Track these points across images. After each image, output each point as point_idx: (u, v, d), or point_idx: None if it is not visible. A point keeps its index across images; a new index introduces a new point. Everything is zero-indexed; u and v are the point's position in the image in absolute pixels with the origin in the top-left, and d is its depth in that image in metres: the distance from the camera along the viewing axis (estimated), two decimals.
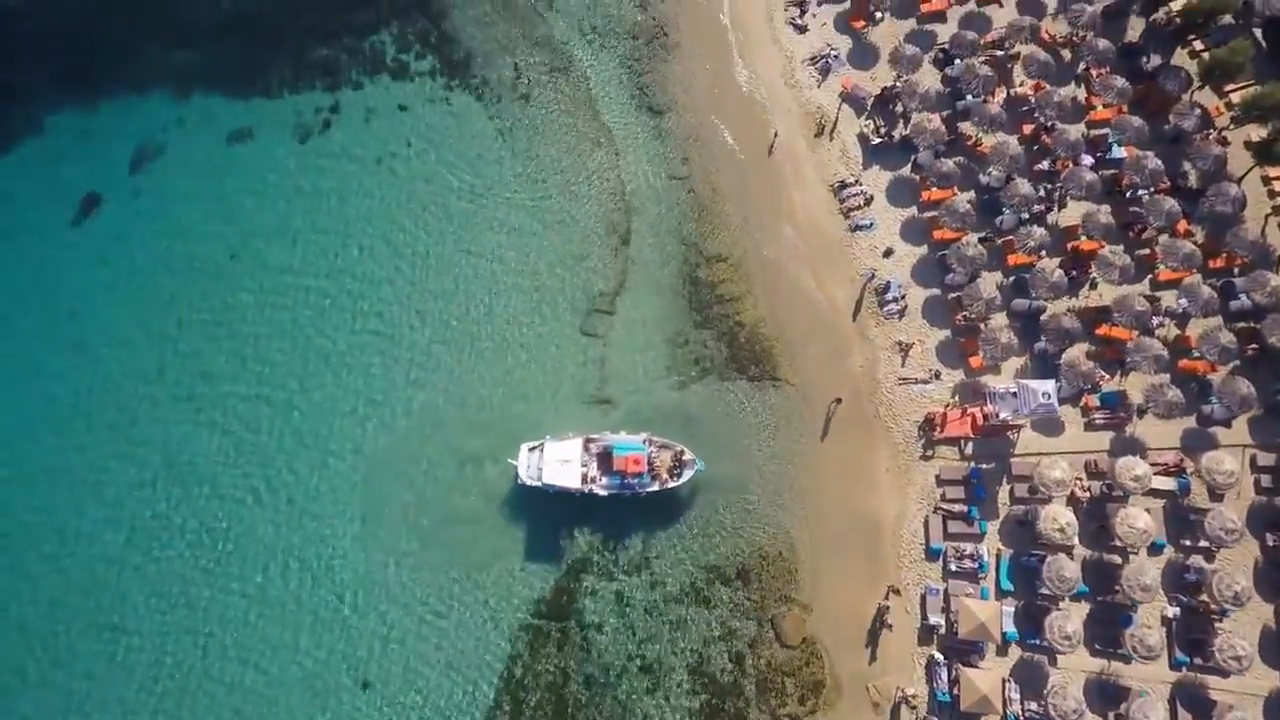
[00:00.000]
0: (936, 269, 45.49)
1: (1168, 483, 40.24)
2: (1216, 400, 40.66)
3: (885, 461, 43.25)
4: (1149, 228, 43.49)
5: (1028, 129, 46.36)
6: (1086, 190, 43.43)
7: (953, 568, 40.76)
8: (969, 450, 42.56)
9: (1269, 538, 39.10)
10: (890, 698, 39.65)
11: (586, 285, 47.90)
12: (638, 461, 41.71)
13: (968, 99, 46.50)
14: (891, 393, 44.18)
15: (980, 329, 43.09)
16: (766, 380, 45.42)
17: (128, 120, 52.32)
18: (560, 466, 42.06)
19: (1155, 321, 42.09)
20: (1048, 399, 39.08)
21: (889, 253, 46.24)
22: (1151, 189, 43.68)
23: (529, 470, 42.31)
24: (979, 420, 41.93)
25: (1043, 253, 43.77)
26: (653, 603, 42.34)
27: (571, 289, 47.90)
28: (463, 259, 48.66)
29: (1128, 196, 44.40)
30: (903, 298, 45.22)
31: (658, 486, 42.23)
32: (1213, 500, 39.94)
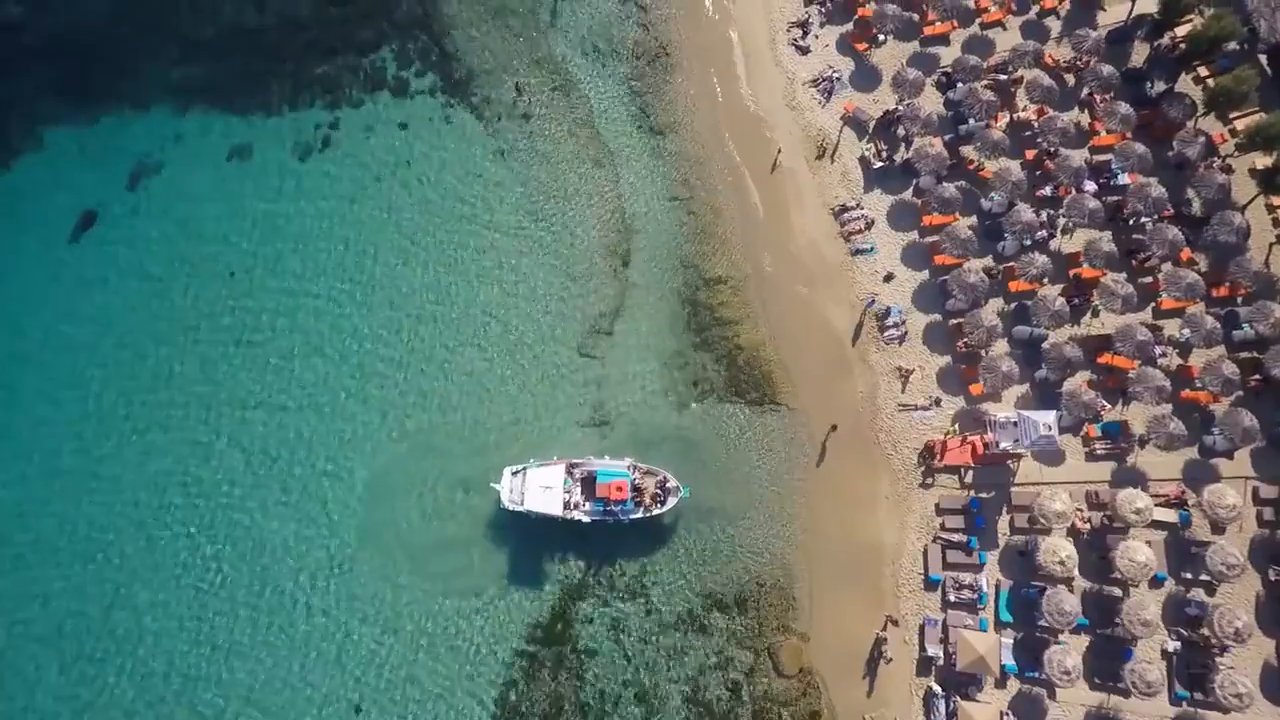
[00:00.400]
0: (937, 295, 45.18)
1: (1169, 514, 39.96)
2: (1219, 432, 40.32)
3: (885, 489, 42.95)
4: (1152, 256, 43.17)
5: (1030, 154, 46.05)
6: (1089, 217, 43.11)
7: (951, 598, 40.45)
8: (969, 479, 42.25)
9: (1271, 572, 38.76)
10: None
11: (585, 306, 47.62)
12: (621, 488, 41.37)
13: (970, 123, 46.24)
14: (891, 419, 43.88)
15: (981, 356, 42.80)
16: (766, 404, 45.14)
17: (127, 136, 51.94)
18: (542, 492, 41.73)
19: (1158, 351, 41.77)
20: (1049, 431, 38.92)
21: (890, 277, 45.95)
22: (1155, 216, 43.23)
23: (511, 495, 41.94)
24: (979, 449, 41.67)
25: (1045, 280, 43.44)
26: (649, 630, 42.08)
27: (570, 310, 47.62)
28: (461, 279, 48.37)
29: (1130, 224, 44.10)
30: (903, 323, 44.93)
31: (641, 514, 41.82)
32: (1214, 533, 39.63)
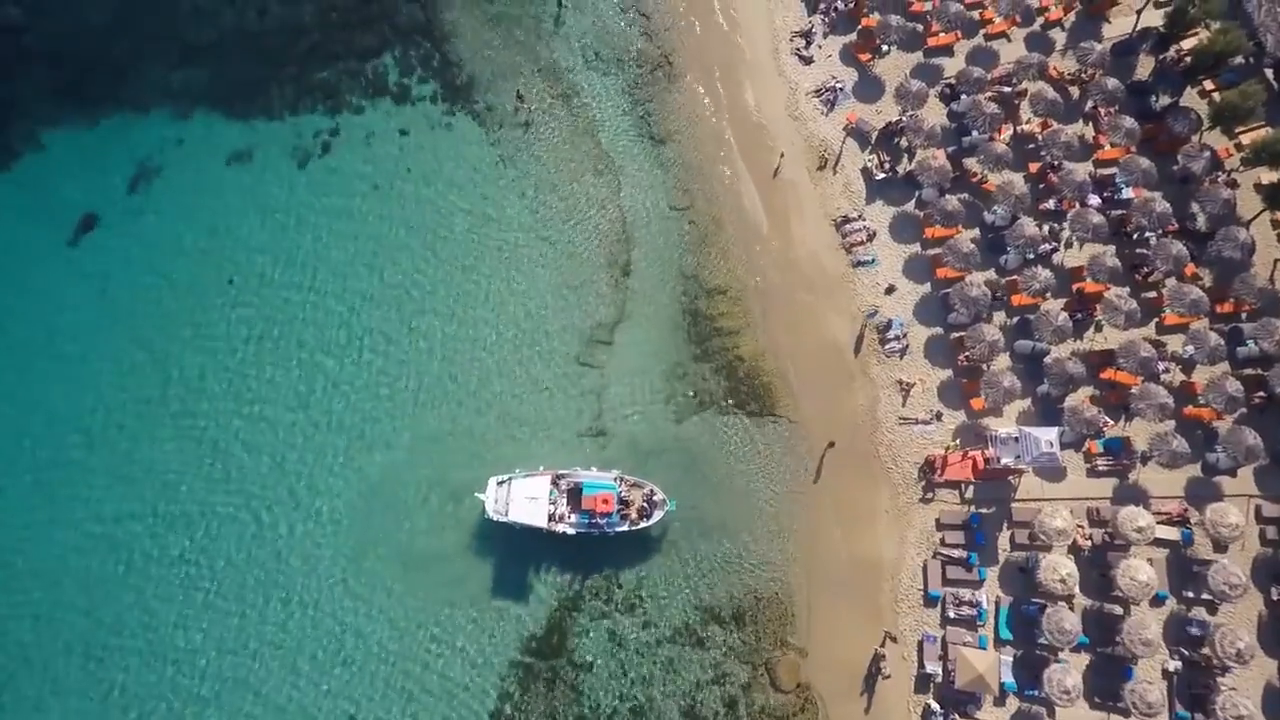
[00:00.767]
0: (939, 308, 44.88)
1: (1171, 532, 39.63)
2: (1222, 449, 39.99)
3: (884, 503, 42.62)
4: (1156, 271, 42.89)
5: (1034, 168, 45.79)
6: (1093, 232, 42.87)
7: (951, 615, 40.10)
8: (969, 494, 41.92)
9: (1274, 591, 38.44)
10: None
11: (585, 315, 47.35)
12: (607, 501, 40.84)
13: (973, 135, 45.98)
14: (892, 432, 43.57)
15: (983, 371, 42.49)
16: (766, 416, 44.90)
17: (127, 139, 51.60)
18: (527, 503, 41.18)
19: (1161, 367, 41.47)
20: (1050, 447, 38.64)
21: (891, 290, 45.66)
22: (1159, 231, 42.96)
23: (495, 505, 41.38)
24: (980, 464, 41.34)
25: (1048, 294, 43.10)
26: (645, 643, 41.72)
27: (570, 319, 47.35)
28: (461, 287, 48.08)
29: (1134, 239, 43.84)
30: (905, 336, 44.63)
31: (627, 527, 41.32)
32: (1217, 552, 39.28)
